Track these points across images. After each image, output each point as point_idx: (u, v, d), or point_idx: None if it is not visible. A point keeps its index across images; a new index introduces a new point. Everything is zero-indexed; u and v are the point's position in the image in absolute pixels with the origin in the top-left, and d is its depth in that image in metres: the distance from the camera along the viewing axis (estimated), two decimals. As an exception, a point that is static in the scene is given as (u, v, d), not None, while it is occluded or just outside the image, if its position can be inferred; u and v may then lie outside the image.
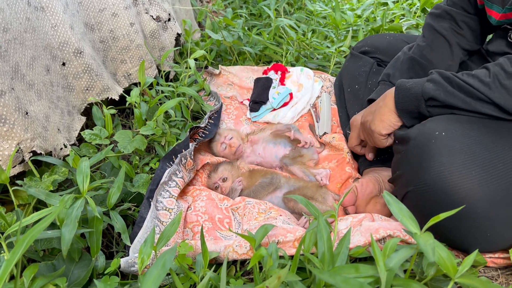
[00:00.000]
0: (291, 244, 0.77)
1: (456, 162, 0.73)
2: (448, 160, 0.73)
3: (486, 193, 0.71)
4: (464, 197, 0.71)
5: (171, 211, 0.91)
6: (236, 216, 0.97)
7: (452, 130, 0.77)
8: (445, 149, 0.75)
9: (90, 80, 1.12)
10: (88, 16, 1.20)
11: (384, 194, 0.65)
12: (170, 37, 1.52)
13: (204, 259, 0.69)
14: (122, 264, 0.73)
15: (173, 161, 1.02)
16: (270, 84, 1.54)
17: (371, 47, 1.34)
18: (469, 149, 0.74)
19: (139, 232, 0.82)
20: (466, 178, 0.71)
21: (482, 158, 0.72)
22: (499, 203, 0.71)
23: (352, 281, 0.54)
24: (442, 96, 0.81)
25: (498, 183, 0.71)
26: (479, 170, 0.71)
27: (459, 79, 0.80)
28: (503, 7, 0.91)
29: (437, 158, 0.74)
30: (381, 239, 0.75)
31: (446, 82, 0.82)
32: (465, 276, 0.57)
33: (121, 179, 0.84)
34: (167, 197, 0.93)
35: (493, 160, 0.72)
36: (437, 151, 0.75)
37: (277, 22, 1.86)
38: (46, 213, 0.64)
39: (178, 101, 1.16)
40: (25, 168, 0.86)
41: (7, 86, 0.80)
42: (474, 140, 0.75)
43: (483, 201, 0.70)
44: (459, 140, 0.75)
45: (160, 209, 0.90)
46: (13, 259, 0.52)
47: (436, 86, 0.82)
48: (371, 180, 1.04)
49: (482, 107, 0.78)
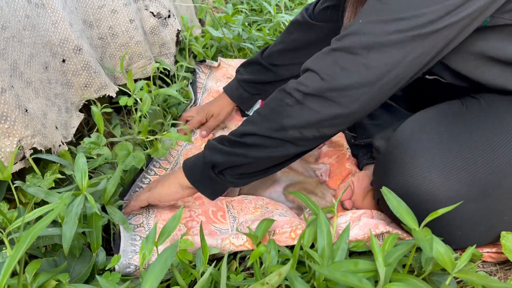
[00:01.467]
0: (288, 235, 0.78)
1: (416, 166, 0.74)
2: (410, 165, 0.75)
3: (448, 194, 0.72)
4: (428, 200, 0.73)
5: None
6: (230, 209, 0.97)
7: (414, 135, 0.79)
8: (407, 154, 0.77)
9: (89, 77, 1.12)
10: (87, 13, 1.20)
11: (382, 190, 0.65)
12: (171, 34, 1.52)
13: (204, 255, 0.70)
14: (117, 268, 0.74)
15: None
16: None
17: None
18: (428, 152, 0.75)
19: (122, 235, 0.84)
20: (427, 181, 0.73)
21: (442, 159, 0.74)
22: (462, 202, 0.71)
23: (351, 276, 0.54)
24: (220, 159, 0.80)
25: (459, 182, 0.72)
26: (438, 172, 0.73)
27: (232, 137, 0.81)
28: None
29: (400, 164, 0.77)
30: (380, 234, 0.75)
31: (220, 144, 0.81)
32: (463, 271, 0.58)
33: (117, 176, 0.85)
34: None
35: (453, 160, 0.73)
36: (400, 157, 0.78)
37: (277, 17, 1.86)
38: (47, 210, 0.64)
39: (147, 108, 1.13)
40: (26, 165, 0.86)
41: (7, 84, 0.80)
42: (434, 142, 0.76)
43: (446, 201, 0.71)
44: (419, 145, 0.77)
45: None
46: (16, 256, 0.53)
47: (212, 152, 0.81)
48: (368, 174, 1.04)
49: (271, 151, 0.78)
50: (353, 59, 0.70)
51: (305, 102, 0.74)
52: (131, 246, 0.83)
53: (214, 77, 1.59)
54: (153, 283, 0.53)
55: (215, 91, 1.49)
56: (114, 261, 0.74)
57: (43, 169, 0.91)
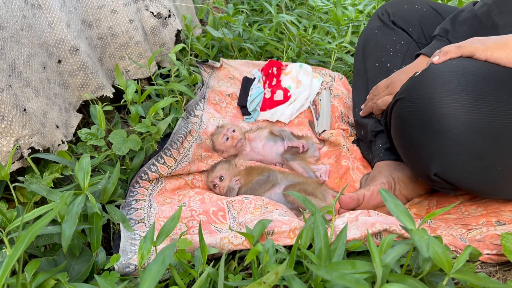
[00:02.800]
0: (286, 234, 0.78)
1: (452, 82, 0.77)
2: (446, 79, 0.77)
3: (468, 118, 0.74)
4: (446, 114, 0.75)
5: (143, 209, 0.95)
6: (231, 209, 0.97)
7: (461, 62, 0.81)
8: (447, 72, 0.79)
9: (85, 77, 1.13)
10: (87, 13, 1.21)
11: (380, 190, 0.65)
12: (171, 34, 1.53)
13: (202, 255, 0.70)
14: (116, 268, 0.74)
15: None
16: (250, 85, 1.54)
17: (402, 20, 1.23)
18: (468, 77, 0.77)
19: (122, 234, 0.84)
20: (455, 97, 0.75)
21: (478, 88, 0.76)
22: (475, 132, 0.74)
23: (348, 277, 0.54)
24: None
25: (483, 115, 0.74)
26: (469, 96, 0.75)
27: None
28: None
29: (437, 77, 0.79)
30: (377, 233, 0.76)
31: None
32: (461, 271, 0.58)
33: (116, 175, 0.85)
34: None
35: (488, 94, 0.75)
36: (437, 72, 0.79)
37: (278, 18, 1.86)
38: (47, 209, 0.65)
39: (170, 102, 1.15)
40: (24, 165, 0.86)
41: (4, 84, 0.80)
42: (476, 72, 0.78)
43: (462, 123, 0.74)
44: (461, 69, 0.79)
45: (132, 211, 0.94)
46: (15, 255, 0.53)
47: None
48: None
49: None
50: None
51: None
52: (131, 245, 0.83)
53: (216, 77, 1.59)
54: (151, 283, 0.53)
55: (217, 90, 1.50)
56: (113, 261, 0.74)
57: (43, 169, 0.91)
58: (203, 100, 1.42)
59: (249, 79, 1.56)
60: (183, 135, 1.16)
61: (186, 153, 1.14)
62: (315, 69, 1.63)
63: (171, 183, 1.07)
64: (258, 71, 1.59)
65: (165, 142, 1.11)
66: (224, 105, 1.48)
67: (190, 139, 1.19)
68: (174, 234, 0.88)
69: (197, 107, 1.37)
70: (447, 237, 0.82)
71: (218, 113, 1.42)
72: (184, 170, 1.11)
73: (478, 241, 0.83)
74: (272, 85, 1.52)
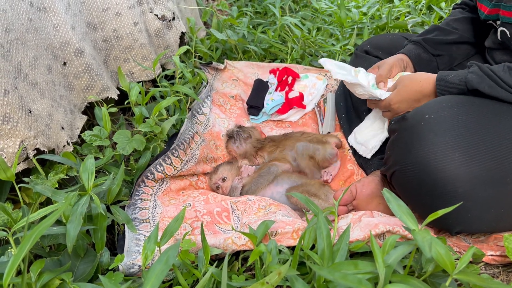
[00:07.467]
0: (289, 235, 0.78)
1: (440, 143, 0.76)
2: (433, 141, 0.77)
3: (468, 174, 0.73)
4: (446, 177, 0.74)
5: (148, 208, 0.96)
6: (235, 210, 0.98)
7: (442, 113, 0.80)
8: (431, 131, 0.78)
9: (90, 79, 1.14)
10: (91, 15, 1.22)
11: (383, 192, 0.66)
12: (175, 36, 1.54)
13: (205, 255, 0.70)
14: (121, 268, 0.75)
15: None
16: (266, 89, 1.54)
17: (373, 47, 1.34)
18: (454, 131, 0.76)
19: (126, 235, 0.85)
20: (448, 159, 0.75)
21: (466, 140, 0.75)
22: (480, 185, 0.73)
23: (351, 277, 0.54)
24: (487, 89, 0.83)
25: (480, 166, 0.74)
26: (461, 152, 0.74)
27: (497, 75, 0.83)
28: (491, 1, 0.93)
29: (423, 139, 0.78)
30: (380, 234, 0.75)
31: (487, 76, 0.84)
32: (464, 272, 0.58)
33: (121, 176, 0.86)
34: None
35: (477, 143, 0.75)
36: (424, 133, 0.78)
37: (282, 20, 1.86)
38: (52, 210, 0.65)
39: (173, 101, 1.15)
40: (29, 166, 0.87)
41: (10, 85, 0.81)
42: (461, 123, 0.78)
43: (464, 181, 0.73)
44: (446, 123, 0.78)
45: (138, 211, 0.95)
46: (21, 254, 0.54)
47: (480, 79, 0.84)
48: (374, 180, 1.03)
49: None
50: None
51: None
52: (135, 246, 0.83)
53: (220, 79, 1.59)
54: (155, 283, 0.53)
55: (221, 92, 1.50)
56: (117, 261, 0.74)
57: (49, 170, 0.92)
58: (209, 97, 1.43)
59: (263, 82, 1.57)
60: (190, 135, 1.16)
61: (193, 154, 1.14)
62: (320, 71, 1.64)
63: (176, 184, 1.08)
64: (274, 77, 1.59)
65: (172, 142, 1.12)
66: (229, 106, 1.48)
67: (198, 140, 1.20)
68: (178, 234, 0.88)
69: (204, 104, 1.38)
70: (450, 238, 0.82)
71: (223, 114, 1.43)
72: (189, 171, 1.11)
73: (482, 242, 0.83)
74: (286, 91, 1.53)
